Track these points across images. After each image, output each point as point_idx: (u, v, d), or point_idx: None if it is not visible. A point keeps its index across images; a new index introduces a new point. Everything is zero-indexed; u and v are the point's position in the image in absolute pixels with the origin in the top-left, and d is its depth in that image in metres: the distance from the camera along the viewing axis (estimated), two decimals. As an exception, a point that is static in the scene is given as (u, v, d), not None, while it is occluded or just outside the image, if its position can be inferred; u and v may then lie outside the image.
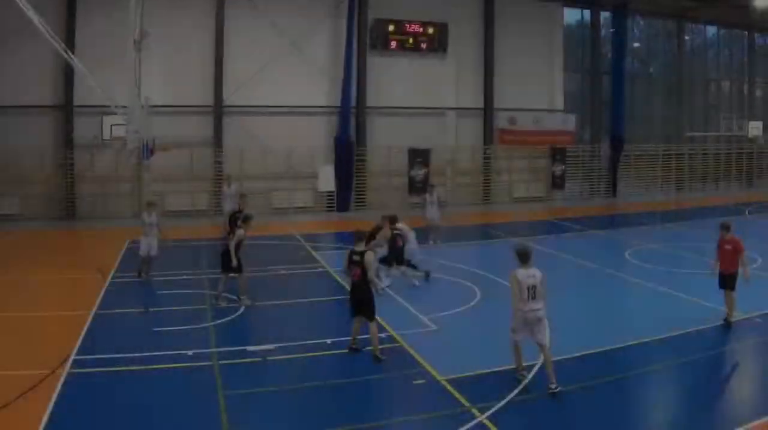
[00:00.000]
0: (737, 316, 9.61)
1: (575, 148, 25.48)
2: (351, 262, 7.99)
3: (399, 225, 11.70)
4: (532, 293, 6.94)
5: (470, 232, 18.51)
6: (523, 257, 7.06)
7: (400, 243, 11.53)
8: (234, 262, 10.15)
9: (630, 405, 7.14)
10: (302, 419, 6.68)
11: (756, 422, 6.61)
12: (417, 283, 11.75)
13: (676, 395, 7.62)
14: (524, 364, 7.47)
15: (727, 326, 9.30)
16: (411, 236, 11.98)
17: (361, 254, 7.96)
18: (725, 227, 9.61)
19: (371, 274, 7.93)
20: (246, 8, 19.62)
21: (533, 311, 6.95)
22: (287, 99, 20.14)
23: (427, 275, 12.12)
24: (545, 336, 7.17)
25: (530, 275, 6.98)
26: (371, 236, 10.95)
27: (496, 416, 6.65)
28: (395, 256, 11.48)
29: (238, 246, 10.23)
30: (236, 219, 11.54)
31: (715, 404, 7.30)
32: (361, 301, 7.96)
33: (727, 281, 9.35)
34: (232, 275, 10.41)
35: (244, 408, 6.84)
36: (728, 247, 9.43)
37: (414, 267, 11.98)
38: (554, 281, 10.96)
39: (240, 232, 10.29)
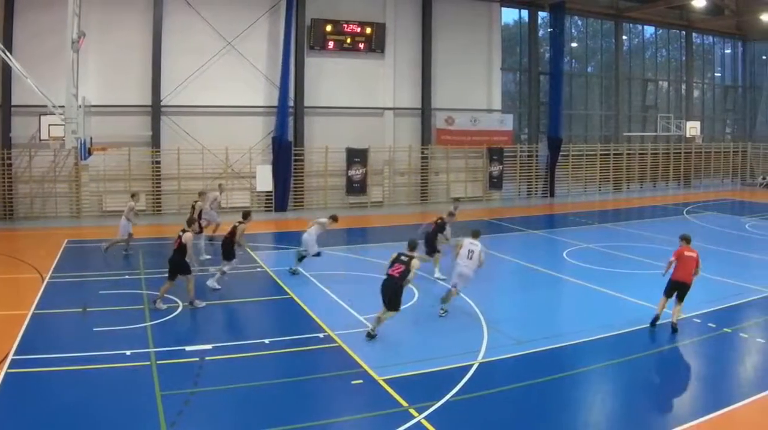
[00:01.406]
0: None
1: (513, 148, 30.25)
2: (397, 260, 10.66)
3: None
4: (471, 255, 11.84)
5: (408, 232, 22.28)
6: (474, 233, 12.31)
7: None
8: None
9: (567, 405, 8.55)
10: (240, 419, 7.88)
11: (693, 423, 7.89)
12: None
13: (613, 395, 9.05)
14: (459, 365, 9.51)
15: (674, 330, 11.18)
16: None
17: (410, 257, 10.65)
18: (686, 239, 11.78)
19: (411, 276, 10.57)
20: (184, 9, 23.16)
21: (467, 267, 11.84)
22: (225, 99, 23.84)
23: None
24: (461, 285, 12.04)
25: (473, 243, 12.00)
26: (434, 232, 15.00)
27: (434, 416, 7.88)
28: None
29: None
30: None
31: (652, 404, 8.68)
32: (393, 294, 10.52)
33: (680, 291, 11.21)
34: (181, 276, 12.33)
35: (182, 408, 7.99)
36: (690, 254, 11.39)
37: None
38: (492, 282, 14.49)
39: (189, 234, 12.36)
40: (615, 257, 17.69)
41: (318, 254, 14.93)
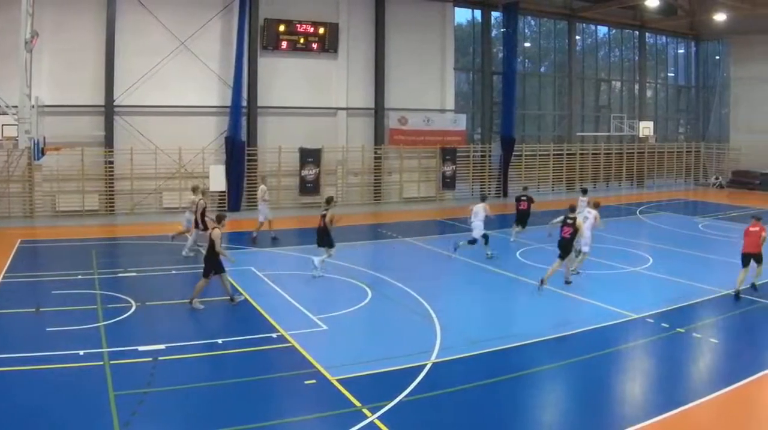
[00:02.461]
0: (630, 316, 13.65)
1: (466, 148, 33.66)
2: (565, 223, 15.67)
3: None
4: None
5: (361, 232, 24.16)
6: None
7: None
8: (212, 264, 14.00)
9: (520, 405, 9.56)
10: (193, 419, 8.71)
11: (646, 423, 8.73)
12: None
13: (568, 395, 10.12)
14: (412, 365, 10.69)
15: (755, 288, 15.55)
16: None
17: (574, 219, 15.60)
18: (755, 218, 16.09)
19: (581, 232, 15.84)
20: (137, 9, 25.79)
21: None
22: (178, 99, 26.50)
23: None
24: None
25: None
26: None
27: (387, 416, 8.71)
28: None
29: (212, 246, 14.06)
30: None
31: (605, 404, 9.67)
32: (566, 249, 15.49)
33: (754, 259, 15.38)
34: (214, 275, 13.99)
35: (136, 408, 8.85)
36: (754, 229, 15.53)
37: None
38: (445, 282, 16.76)
39: (216, 231, 14.04)
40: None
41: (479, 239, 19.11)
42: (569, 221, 15.64)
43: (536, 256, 19.56)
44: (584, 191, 24.48)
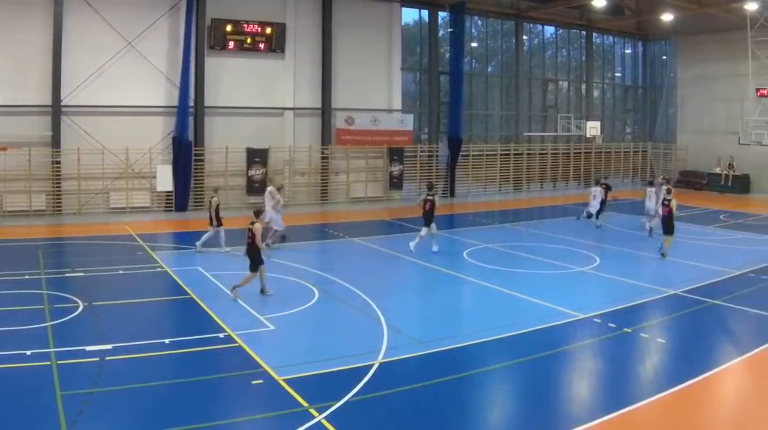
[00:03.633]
0: (577, 316, 14.67)
1: (413, 148, 37.03)
2: (663, 205, 21.08)
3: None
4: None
5: (309, 232, 26.21)
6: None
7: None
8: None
9: (467, 405, 10.22)
10: (140, 419, 9.40)
11: (592, 423, 9.43)
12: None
13: (515, 395, 10.97)
14: (359, 365, 11.49)
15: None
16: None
17: (669, 200, 20.58)
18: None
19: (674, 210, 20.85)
20: (84, 8, 28.31)
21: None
22: (125, 99, 29.11)
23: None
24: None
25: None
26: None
27: (334, 416, 9.40)
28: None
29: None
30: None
31: (551, 405, 10.38)
32: (668, 225, 20.93)
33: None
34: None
35: (83, 408, 9.45)
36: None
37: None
38: (392, 282, 18.11)
39: (258, 225, 16.05)
40: (515, 257, 21.52)
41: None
42: (665, 203, 21.18)
43: (482, 255, 21.45)
44: (650, 183, 29.72)
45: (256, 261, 15.99)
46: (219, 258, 20.34)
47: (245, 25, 31.76)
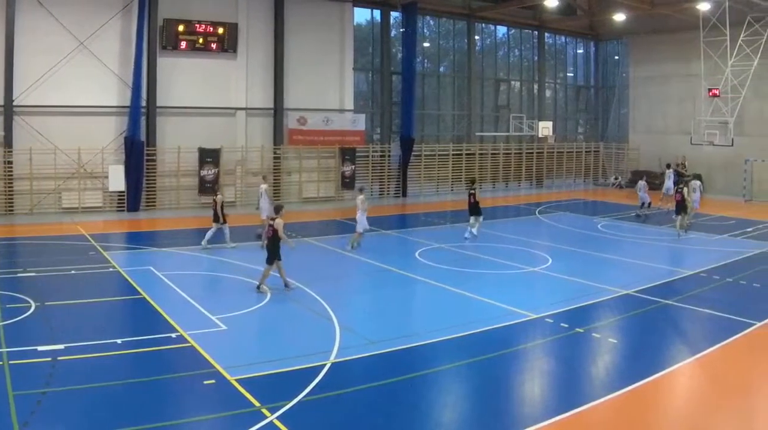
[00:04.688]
0: (529, 316, 15.69)
1: (365, 148, 39.60)
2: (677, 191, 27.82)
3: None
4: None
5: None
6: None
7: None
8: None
9: (419, 405, 10.90)
10: (93, 419, 9.96)
11: (544, 423, 10.10)
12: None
13: (467, 395, 11.70)
14: (311, 365, 12.27)
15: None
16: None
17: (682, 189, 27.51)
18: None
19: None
20: (36, 8, 30.21)
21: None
22: (78, 99, 31.05)
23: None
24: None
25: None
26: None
27: (287, 416, 10.03)
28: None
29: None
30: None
31: (503, 405, 11.18)
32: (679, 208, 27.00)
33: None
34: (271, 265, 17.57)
35: (35, 408, 10.06)
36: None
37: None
38: (344, 282, 19.33)
39: (279, 221, 17.72)
40: (467, 257, 22.83)
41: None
42: (679, 190, 27.54)
43: (435, 255, 22.86)
44: (668, 166, 34.47)
45: (273, 255, 17.56)
46: (172, 258, 21.79)
47: (197, 25, 33.89)
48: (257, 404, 10.60)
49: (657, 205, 31.34)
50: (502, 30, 47.43)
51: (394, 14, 41.15)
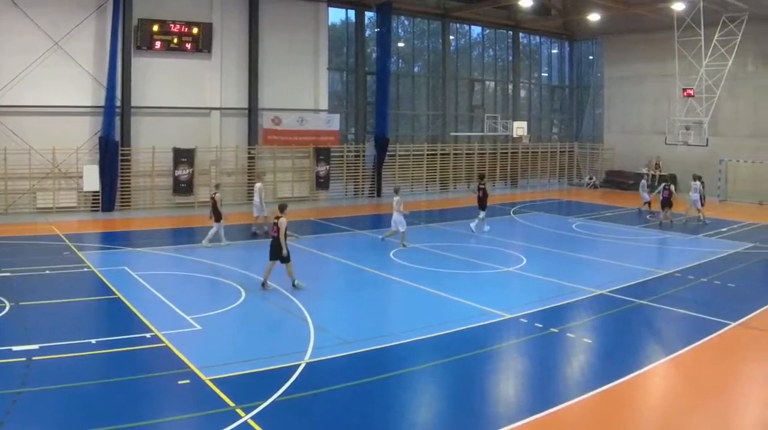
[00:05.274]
0: (503, 316, 16.22)
1: (340, 148, 40.93)
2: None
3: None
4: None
5: (235, 232, 27.79)
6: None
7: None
8: (285, 251, 18.37)
9: (394, 405, 11.31)
10: (68, 419, 10.27)
11: (519, 423, 10.45)
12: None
13: (441, 395, 12.09)
14: (286, 365, 12.65)
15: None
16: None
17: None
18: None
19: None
20: (10, 8, 31.22)
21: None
22: (52, 99, 32.07)
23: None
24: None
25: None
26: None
27: (261, 416, 10.35)
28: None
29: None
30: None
31: (478, 404, 11.49)
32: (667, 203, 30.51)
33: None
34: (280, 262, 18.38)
35: (10, 408, 10.37)
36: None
37: None
38: (319, 282, 19.48)
39: (283, 219, 18.42)
40: (441, 257, 23.54)
41: None
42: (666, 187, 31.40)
43: (409, 255, 23.53)
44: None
45: (278, 253, 18.38)
46: (146, 258, 22.51)
47: (172, 25, 34.99)
48: (232, 404, 10.95)
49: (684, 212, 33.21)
50: (476, 30, 49.01)
51: (368, 14, 42.53)
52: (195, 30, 35.52)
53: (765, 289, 20.88)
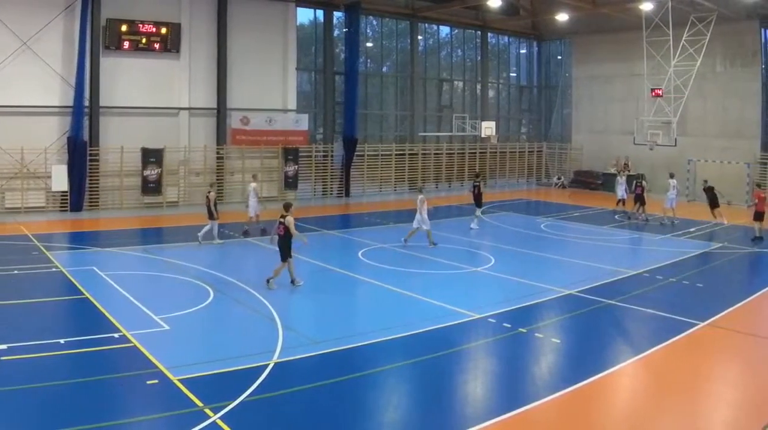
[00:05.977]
0: (472, 316, 16.64)
1: (308, 148, 42.43)
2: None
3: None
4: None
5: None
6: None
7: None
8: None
9: (363, 404, 11.69)
10: (36, 419, 10.57)
11: (487, 423, 10.75)
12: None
13: (408, 395, 12.43)
14: (254, 365, 13.02)
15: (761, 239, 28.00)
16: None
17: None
18: (758, 185, 33.26)
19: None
20: (-22, 7, 32.00)
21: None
22: (21, 99, 33.19)
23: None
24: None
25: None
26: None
27: (230, 416, 10.64)
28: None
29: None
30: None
31: (447, 404, 11.84)
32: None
33: (761, 216, 28.22)
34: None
35: None
36: (763, 195, 28.82)
37: None
38: (287, 282, 19.44)
39: (290, 218, 19.29)
40: (410, 257, 24.24)
41: None
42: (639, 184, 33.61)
43: (378, 255, 24.27)
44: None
45: (286, 252, 19.12)
46: (115, 258, 23.16)
47: (140, 25, 36.17)
48: (200, 404, 11.21)
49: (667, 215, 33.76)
50: (445, 30, 50.73)
51: (337, 14, 44.03)
52: (164, 30, 36.71)
53: (733, 289, 21.36)
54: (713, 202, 31.90)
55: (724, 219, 31.80)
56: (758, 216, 28.45)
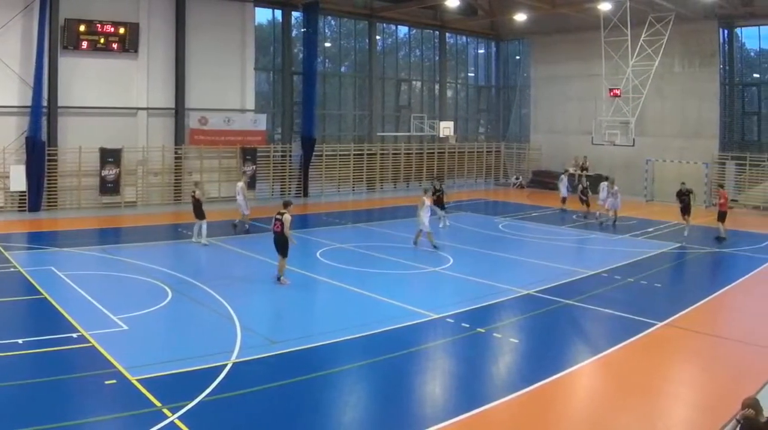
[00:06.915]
0: (430, 316, 17.27)
1: (266, 148, 44.26)
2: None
3: None
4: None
5: (161, 232, 31.10)
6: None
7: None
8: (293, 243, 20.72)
9: (321, 405, 11.98)
10: None
11: (446, 423, 11.19)
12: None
13: (366, 395, 12.76)
14: (213, 365, 13.50)
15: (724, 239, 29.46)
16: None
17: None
18: (721, 185, 32.62)
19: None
20: (-63, 8, 33.31)
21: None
22: (-22, 99, 34.29)
23: None
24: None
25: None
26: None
27: (188, 416, 10.99)
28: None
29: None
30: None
31: (405, 405, 12.25)
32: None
33: (723, 217, 30.26)
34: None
35: None
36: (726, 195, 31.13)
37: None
38: (245, 282, 20.96)
39: (287, 215, 20.20)
40: (368, 257, 25.00)
41: None
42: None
43: (336, 255, 25.14)
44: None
45: (284, 248, 20.18)
46: (73, 258, 23.86)
47: (98, 25, 37.66)
48: (158, 404, 11.57)
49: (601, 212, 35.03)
50: (403, 30, 52.87)
51: (295, 14, 45.83)
52: (122, 30, 38.18)
53: (691, 289, 22.16)
54: (686, 209, 31.73)
55: (687, 224, 32.00)
56: (722, 216, 30.21)
